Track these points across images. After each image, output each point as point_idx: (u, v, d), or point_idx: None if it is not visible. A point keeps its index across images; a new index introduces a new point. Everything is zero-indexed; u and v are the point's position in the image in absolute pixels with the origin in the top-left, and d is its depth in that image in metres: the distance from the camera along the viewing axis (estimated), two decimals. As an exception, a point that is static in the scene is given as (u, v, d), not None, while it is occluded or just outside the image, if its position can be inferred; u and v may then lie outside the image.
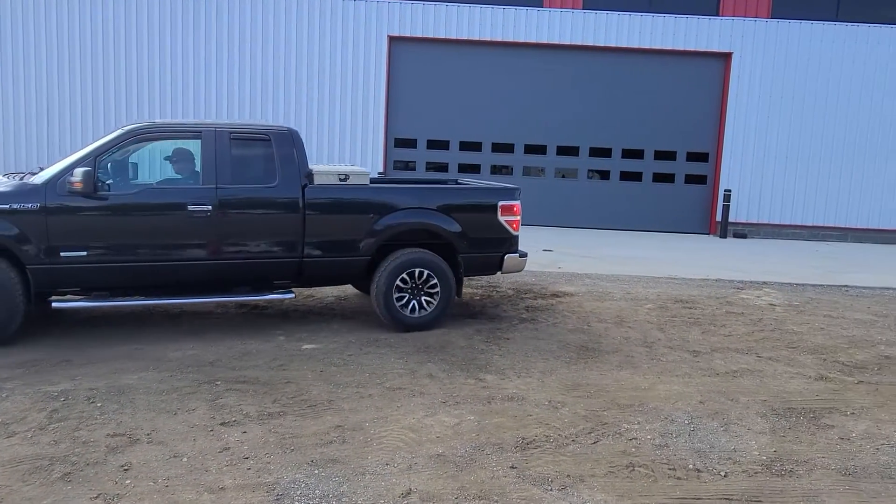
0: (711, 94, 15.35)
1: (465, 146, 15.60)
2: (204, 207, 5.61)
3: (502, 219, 6.47)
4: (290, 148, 5.98)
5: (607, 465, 3.62)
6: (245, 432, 3.89)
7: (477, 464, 3.59)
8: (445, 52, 15.19)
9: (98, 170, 5.43)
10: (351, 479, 3.38)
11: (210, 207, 5.62)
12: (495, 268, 6.58)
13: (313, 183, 6.02)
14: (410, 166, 15.65)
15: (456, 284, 6.33)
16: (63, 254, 5.36)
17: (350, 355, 5.41)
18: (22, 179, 5.58)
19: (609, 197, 15.64)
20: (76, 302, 5.67)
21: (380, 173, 14.55)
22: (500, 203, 6.47)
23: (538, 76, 15.25)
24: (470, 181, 7.73)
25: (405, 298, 6.15)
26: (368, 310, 7.06)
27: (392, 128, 15.40)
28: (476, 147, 15.61)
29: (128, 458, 3.53)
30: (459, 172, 15.39)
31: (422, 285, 6.17)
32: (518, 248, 6.66)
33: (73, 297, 5.72)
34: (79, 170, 5.27)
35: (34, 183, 5.40)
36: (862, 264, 11.86)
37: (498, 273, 6.66)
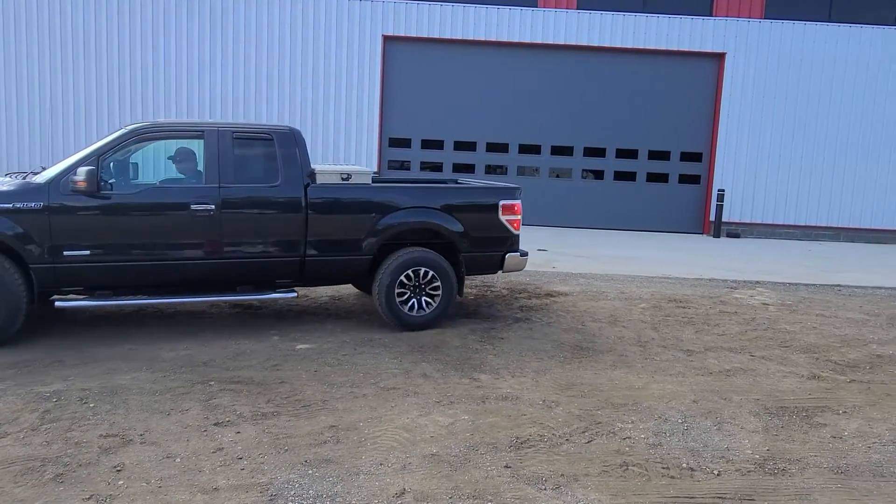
0: (705, 95, 15.40)
1: (460, 146, 15.61)
2: (207, 207, 5.61)
3: (503, 218, 6.49)
4: (293, 147, 5.98)
5: (601, 465, 3.63)
6: (239, 432, 3.88)
7: (471, 463, 3.59)
8: (440, 52, 15.19)
9: (101, 169, 5.42)
10: (345, 480, 3.37)
11: (213, 207, 5.63)
12: (496, 267, 6.60)
13: (316, 182, 6.02)
14: (405, 166, 15.65)
15: (457, 283, 6.35)
16: (66, 253, 5.35)
17: (344, 355, 5.40)
18: (24, 179, 5.57)
19: (603, 197, 15.67)
20: (79, 301, 5.65)
21: (374, 173, 14.52)
22: (502, 202, 6.49)
23: (532, 76, 15.27)
24: (470, 181, 7.73)
25: (407, 297, 6.16)
26: (363, 309, 7.05)
27: (386, 127, 15.39)
28: (470, 147, 15.62)
29: (121, 459, 3.51)
30: (454, 172, 15.40)
31: (423, 284, 6.18)
32: (519, 247, 6.69)
33: (76, 297, 5.70)
34: (82, 169, 5.26)
35: (37, 182, 5.39)
36: (854, 264, 11.92)
37: (499, 272, 6.67)
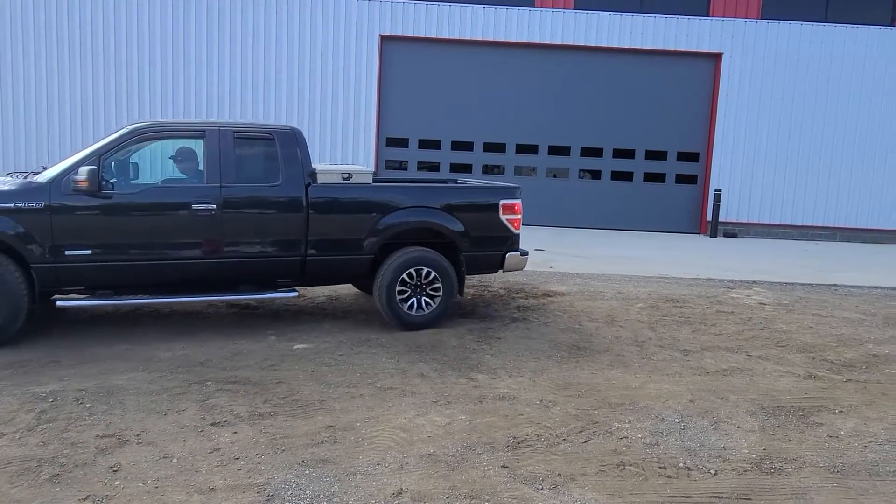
0: (702, 95, 15.43)
1: (457, 146, 15.61)
2: (208, 206, 5.61)
3: (504, 217, 6.50)
4: (294, 147, 5.98)
5: (598, 464, 3.63)
6: (236, 432, 3.88)
7: (468, 463, 3.59)
8: (437, 52, 15.19)
9: (102, 169, 5.42)
10: (342, 480, 3.37)
11: (214, 206, 5.63)
12: (497, 266, 6.61)
13: (317, 182, 6.03)
14: (402, 166, 15.64)
15: (458, 283, 6.36)
16: (67, 252, 5.34)
17: (341, 355, 5.40)
18: (25, 179, 5.56)
19: (600, 196, 15.69)
20: (80, 301, 5.65)
21: (373, 173, 14.51)
22: (502, 202, 6.50)
23: (530, 76, 15.28)
24: (470, 180, 7.74)
25: (408, 297, 6.16)
26: (360, 309, 7.05)
27: (384, 127, 15.38)
28: (468, 147, 15.62)
29: (117, 459, 3.51)
30: (451, 172, 15.40)
31: (424, 284, 6.19)
32: (519, 247, 6.70)
33: (77, 296, 5.69)
34: (84, 168, 5.25)
35: (39, 182, 5.38)
36: (850, 263, 11.95)
37: (499, 271, 6.68)
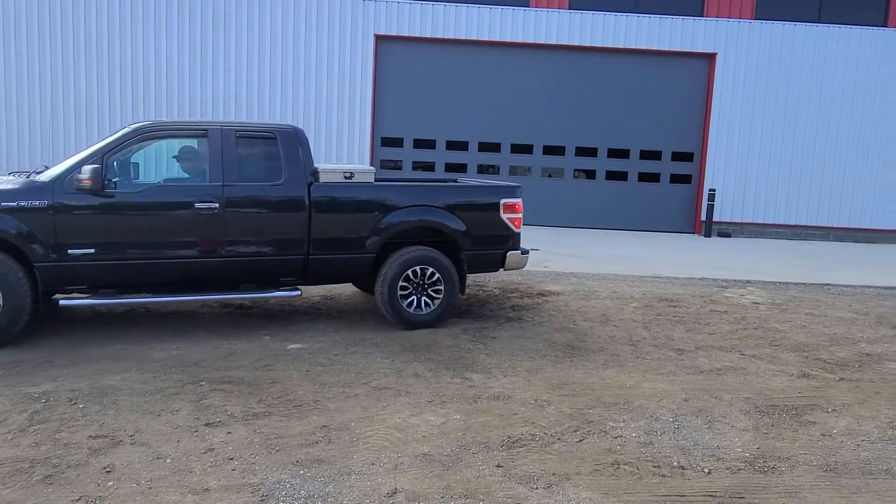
0: (696, 95, 15.47)
1: (452, 145, 15.61)
2: (211, 205, 5.62)
3: (504, 216, 6.52)
4: (296, 146, 6.00)
5: (593, 464, 3.63)
6: (230, 433, 3.87)
7: (463, 463, 3.59)
8: (432, 52, 15.18)
9: (105, 168, 5.41)
10: (336, 479, 3.37)
11: (217, 205, 5.64)
12: (498, 265, 6.62)
13: (319, 181, 6.03)
14: (397, 166, 15.63)
15: (459, 282, 6.37)
16: (70, 251, 5.33)
17: (336, 355, 5.39)
18: (28, 178, 5.55)
19: (595, 196, 15.72)
20: (83, 300, 5.63)
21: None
22: (503, 201, 6.52)
23: (525, 76, 15.30)
24: (470, 180, 7.76)
25: (409, 296, 6.17)
26: (355, 309, 7.04)
27: (378, 127, 15.37)
28: (462, 146, 15.62)
29: (110, 460, 3.49)
30: (446, 172, 15.40)
31: (426, 283, 6.20)
32: (520, 246, 6.71)
33: (80, 295, 5.68)
34: (87, 167, 5.25)
35: (42, 181, 5.38)
36: (844, 263, 12.01)
37: (500, 270, 6.70)
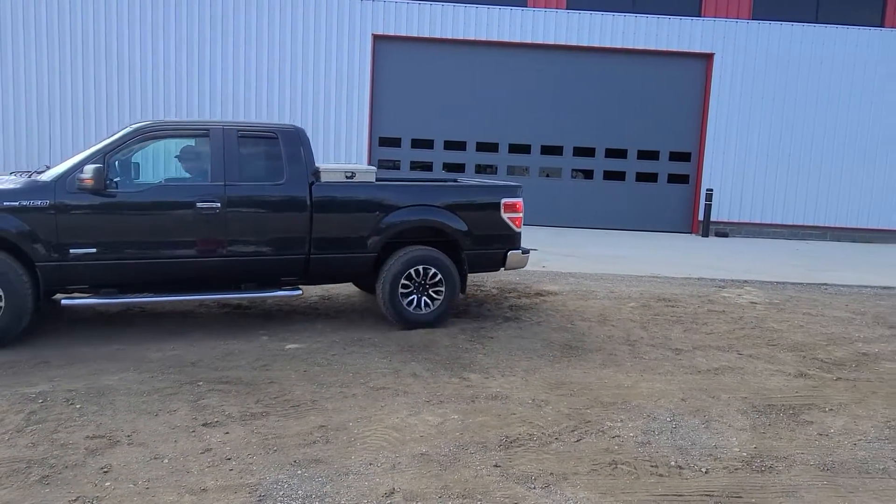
0: (693, 95, 15.49)
1: (450, 145, 15.61)
2: (213, 205, 5.63)
3: (505, 216, 6.53)
4: (298, 146, 6.01)
5: (590, 463, 3.64)
6: (227, 433, 3.86)
7: (461, 463, 3.59)
8: (430, 52, 15.18)
9: (107, 167, 5.41)
10: (334, 480, 3.36)
11: (219, 205, 5.64)
12: (499, 264, 6.63)
13: (320, 181, 6.04)
14: (395, 165, 15.62)
15: (460, 281, 6.38)
16: (72, 251, 5.33)
17: (334, 355, 5.39)
18: (30, 177, 5.54)
19: (593, 196, 15.73)
20: (85, 299, 5.63)
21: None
22: (504, 200, 6.53)
23: (522, 76, 15.30)
24: (470, 179, 7.77)
25: (411, 296, 6.18)
26: (352, 309, 7.04)
27: (376, 127, 15.36)
28: (460, 146, 15.62)
29: (107, 460, 3.49)
30: (444, 171, 15.40)
31: (427, 282, 6.20)
32: (520, 245, 6.72)
33: (82, 295, 5.68)
34: (89, 167, 5.25)
35: (43, 180, 5.37)
36: (841, 263, 12.03)
37: (501, 269, 6.71)
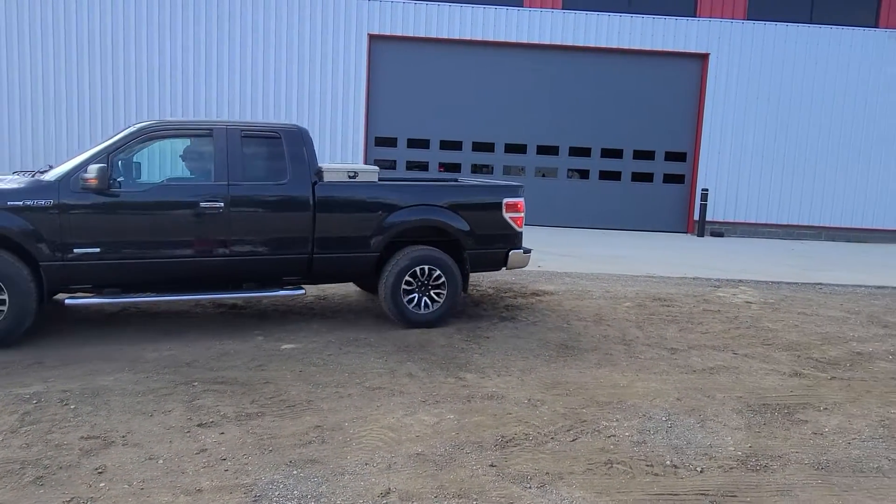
0: (689, 95, 15.52)
1: (446, 145, 15.61)
2: (216, 204, 5.63)
3: (507, 216, 6.54)
4: (300, 146, 6.02)
5: (586, 463, 3.64)
6: (223, 433, 3.85)
7: (456, 462, 3.59)
8: (426, 51, 15.17)
9: (111, 167, 5.41)
10: (330, 480, 3.36)
11: (222, 204, 5.64)
12: (500, 264, 6.64)
13: (323, 180, 6.04)
14: (391, 165, 15.60)
15: (462, 281, 6.39)
16: (76, 250, 5.33)
17: (329, 355, 5.38)
18: (33, 177, 5.53)
19: (589, 196, 15.74)
20: (89, 299, 5.63)
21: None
22: (505, 200, 6.54)
23: (518, 75, 15.30)
24: (471, 179, 7.78)
25: (413, 295, 6.18)
26: (348, 309, 7.03)
27: (372, 126, 15.35)
28: (456, 146, 15.62)
29: (102, 461, 3.47)
30: (440, 171, 15.40)
31: (429, 282, 6.21)
32: (522, 244, 6.73)
33: (85, 294, 5.67)
34: (93, 166, 5.25)
35: (47, 180, 5.36)
36: (835, 262, 12.07)
37: (502, 269, 6.72)
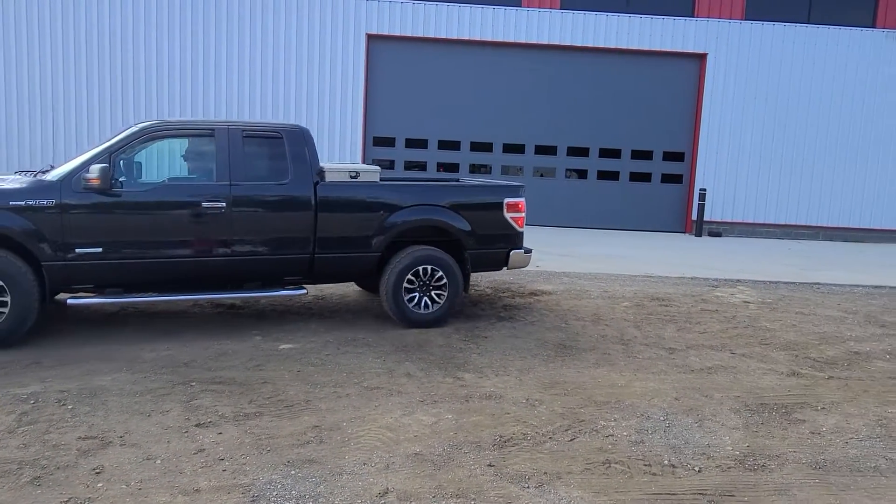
0: (687, 95, 15.53)
1: (444, 145, 15.61)
2: (218, 204, 5.64)
3: (508, 216, 6.55)
4: (302, 146, 6.02)
5: (584, 462, 3.65)
6: (220, 433, 3.85)
7: (454, 462, 3.59)
8: (424, 51, 15.17)
9: (113, 167, 5.41)
10: (328, 480, 3.36)
11: (224, 204, 5.65)
12: (501, 264, 6.65)
13: (325, 180, 6.04)
14: (390, 165, 15.60)
15: (463, 281, 6.39)
16: (78, 250, 5.34)
17: (327, 355, 5.38)
18: (35, 177, 5.53)
19: (587, 196, 15.75)
20: (91, 299, 5.63)
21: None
22: (507, 200, 6.55)
23: (516, 75, 15.30)
24: (473, 179, 7.78)
25: (414, 295, 6.19)
26: (346, 309, 7.03)
27: (370, 126, 15.34)
28: (454, 146, 15.62)
29: (100, 461, 3.47)
30: (438, 171, 15.40)
31: (430, 282, 6.22)
32: (523, 244, 6.74)
33: (87, 294, 5.67)
34: (95, 166, 5.25)
35: (49, 180, 5.37)
36: (832, 262, 12.09)
37: (503, 269, 6.73)
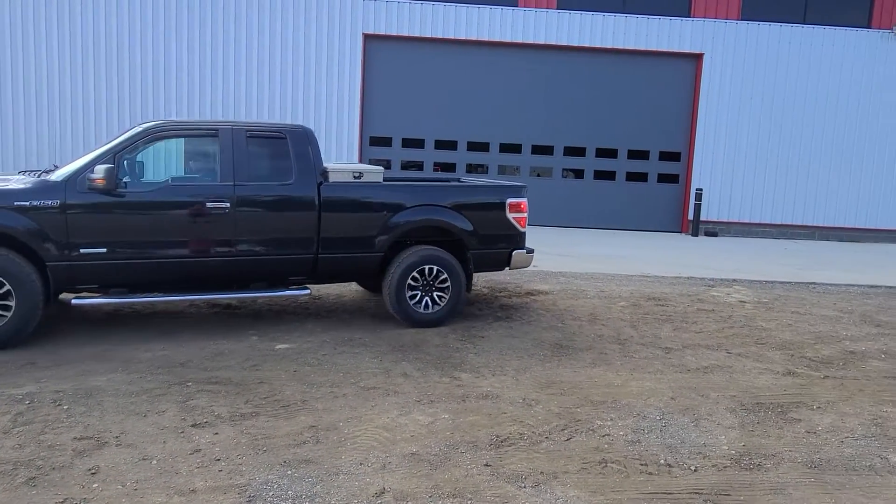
0: (683, 95, 15.56)
1: (441, 145, 15.61)
2: (222, 204, 5.64)
3: (510, 216, 6.57)
4: (306, 146, 6.03)
5: (580, 462, 3.65)
6: (217, 433, 3.84)
7: (451, 462, 3.59)
8: (421, 51, 15.17)
9: (117, 167, 5.42)
10: (324, 480, 3.36)
11: (228, 205, 5.66)
12: (504, 264, 6.67)
13: (328, 180, 6.05)
14: (387, 165, 15.59)
15: (466, 281, 6.40)
16: (82, 251, 5.34)
17: (324, 355, 5.38)
18: (39, 177, 5.53)
19: (583, 196, 15.76)
20: (95, 299, 5.64)
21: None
22: (509, 200, 6.57)
23: (513, 75, 15.31)
24: (474, 179, 7.80)
25: (417, 295, 6.20)
26: (343, 309, 7.03)
27: (367, 126, 15.34)
28: (451, 146, 15.62)
29: (95, 462, 3.46)
30: (434, 171, 15.39)
31: (433, 282, 6.22)
32: (525, 244, 6.75)
33: (92, 294, 5.68)
34: (100, 167, 5.25)
35: (54, 180, 5.36)
36: (828, 262, 12.13)
37: (506, 269, 6.75)
